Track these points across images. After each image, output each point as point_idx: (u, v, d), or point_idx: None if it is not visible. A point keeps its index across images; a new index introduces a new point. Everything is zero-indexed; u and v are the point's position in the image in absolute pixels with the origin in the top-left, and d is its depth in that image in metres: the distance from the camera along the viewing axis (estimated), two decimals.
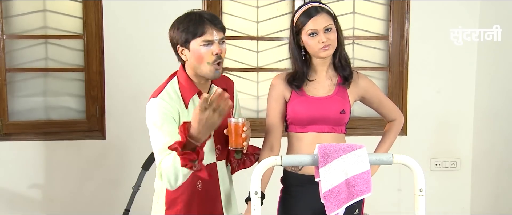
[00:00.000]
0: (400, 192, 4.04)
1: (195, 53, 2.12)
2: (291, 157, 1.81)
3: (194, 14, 2.14)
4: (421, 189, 1.74)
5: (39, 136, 3.75)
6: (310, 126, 2.34)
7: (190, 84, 2.19)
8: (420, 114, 4.04)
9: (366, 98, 2.45)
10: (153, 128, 2.11)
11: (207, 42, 2.10)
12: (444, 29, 3.98)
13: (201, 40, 2.10)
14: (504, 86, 3.76)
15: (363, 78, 2.44)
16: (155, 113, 2.10)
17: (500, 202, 3.81)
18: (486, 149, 3.97)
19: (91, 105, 3.78)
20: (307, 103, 2.34)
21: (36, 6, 3.75)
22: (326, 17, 2.31)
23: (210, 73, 2.14)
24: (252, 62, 4.00)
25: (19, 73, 3.78)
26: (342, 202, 1.77)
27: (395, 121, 2.52)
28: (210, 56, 2.11)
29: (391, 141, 2.51)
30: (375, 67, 4.07)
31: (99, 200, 3.79)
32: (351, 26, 4.02)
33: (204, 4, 3.78)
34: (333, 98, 2.34)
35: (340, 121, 2.35)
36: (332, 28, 2.32)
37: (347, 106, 2.35)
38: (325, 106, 2.33)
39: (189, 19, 2.12)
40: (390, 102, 2.54)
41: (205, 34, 2.10)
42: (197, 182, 2.21)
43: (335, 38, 2.32)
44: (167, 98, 2.14)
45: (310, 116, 2.33)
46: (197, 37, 2.10)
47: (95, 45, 3.75)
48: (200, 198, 2.23)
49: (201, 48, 2.11)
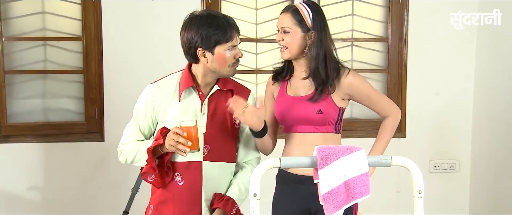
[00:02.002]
0: (399, 194, 4.04)
1: (219, 57, 2.18)
2: (290, 159, 1.81)
3: (219, 19, 2.17)
4: (420, 191, 1.74)
5: (38, 138, 3.75)
6: (294, 127, 2.33)
7: (189, 78, 2.25)
8: (419, 116, 4.04)
9: (354, 97, 2.34)
10: (135, 107, 2.33)
11: (232, 47, 2.18)
12: (443, 31, 3.98)
13: (228, 45, 2.17)
14: (502, 88, 3.76)
15: (348, 76, 2.30)
16: (141, 97, 2.32)
17: (499, 203, 3.81)
18: (485, 151, 3.97)
19: (90, 107, 3.78)
20: (284, 104, 2.33)
21: (35, 8, 3.75)
22: (288, 18, 2.26)
23: (231, 73, 2.24)
24: (251, 64, 4.00)
25: (18, 75, 3.79)
26: (340, 204, 1.77)
27: (389, 117, 2.39)
28: (232, 59, 2.20)
29: (386, 140, 2.40)
30: (374, 69, 4.07)
31: (98, 202, 3.79)
32: (350, 28, 4.03)
33: (203, 6, 3.78)
34: (309, 99, 2.29)
35: (322, 121, 2.28)
36: (291, 31, 2.25)
37: (325, 107, 2.27)
38: (301, 106, 2.29)
39: (216, 24, 2.15)
40: (382, 98, 2.41)
41: (232, 39, 2.17)
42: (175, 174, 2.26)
43: (291, 41, 2.25)
44: (160, 86, 2.29)
45: (284, 116, 2.32)
46: (224, 42, 2.16)
47: (94, 47, 3.75)
48: (179, 194, 2.26)
49: (226, 52, 2.18)
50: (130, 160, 2.29)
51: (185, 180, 2.25)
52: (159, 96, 2.27)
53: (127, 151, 2.29)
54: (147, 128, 2.31)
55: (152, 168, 2.20)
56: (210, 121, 2.26)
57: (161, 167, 2.23)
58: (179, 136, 2.10)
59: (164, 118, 2.26)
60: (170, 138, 2.12)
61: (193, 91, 2.27)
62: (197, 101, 2.26)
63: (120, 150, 2.33)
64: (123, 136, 2.34)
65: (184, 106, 2.25)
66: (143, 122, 2.30)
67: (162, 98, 2.27)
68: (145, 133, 2.32)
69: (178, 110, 2.25)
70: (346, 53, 4.03)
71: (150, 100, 2.27)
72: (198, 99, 2.26)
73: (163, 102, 2.26)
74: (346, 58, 4.03)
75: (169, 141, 2.12)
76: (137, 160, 2.27)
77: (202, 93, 2.27)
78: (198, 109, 2.26)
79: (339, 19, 4.00)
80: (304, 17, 2.25)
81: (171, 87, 2.28)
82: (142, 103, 2.30)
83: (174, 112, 2.25)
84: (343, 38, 4.01)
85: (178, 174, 2.26)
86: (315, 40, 2.25)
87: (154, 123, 2.30)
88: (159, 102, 2.27)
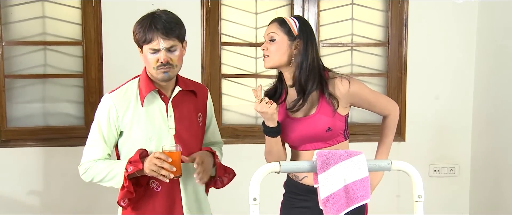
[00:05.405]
0: (399, 198, 4.04)
1: (144, 57, 2.19)
2: (290, 164, 1.82)
3: (147, 19, 2.16)
4: (420, 195, 1.74)
5: (37, 142, 3.75)
6: (302, 146, 2.31)
7: (148, 82, 2.23)
8: (419, 120, 4.04)
9: (355, 103, 2.34)
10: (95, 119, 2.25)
11: (153, 50, 2.15)
12: (442, 35, 3.99)
13: (148, 47, 2.15)
14: (502, 92, 3.76)
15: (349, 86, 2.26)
16: (102, 109, 2.24)
17: (499, 208, 3.80)
18: (485, 155, 3.97)
19: (90, 112, 3.78)
20: (289, 127, 2.29)
21: (35, 13, 3.75)
22: (275, 27, 2.27)
23: (157, 76, 2.18)
24: (250, 68, 4.00)
25: (18, 80, 3.79)
26: (340, 208, 1.77)
27: (390, 115, 2.40)
28: (155, 62, 2.16)
29: (390, 140, 2.41)
30: (373, 74, 4.07)
31: (97, 206, 3.78)
32: (350, 33, 4.03)
33: (203, 10, 3.78)
34: (315, 118, 2.26)
35: (332, 136, 2.28)
36: (276, 39, 2.25)
37: (332, 123, 2.25)
38: (308, 127, 2.26)
39: (142, 24, 2.16)
40: (381, 99, 2.42)
41: (152, 42, 2.14)
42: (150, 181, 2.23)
43: (275, 51, 2.24)
44: (120, 95, 2.24)
45: (292, 138, 2.30)
46: (145, 43, 2.15)
47: (94, 51, 3.75)
48: (157, 198, 2.24)
49: (148, 54, 2.17)
50: (99, 179, 2.22)
51: (162, 185, 2.23)
52: (121, 105, 2.22)
53: (96, 169, 2.21)
54: (113, 140, 2.24)
55: (130, 192, 2.15)
56: (177, 123, 2.25)
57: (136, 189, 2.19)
58: (163, 161, 2.07)
59: (131, 127, 2.22)
60: (152, 162, 2.08)
61: (155, 94, 2.24)
62: (161, 105, 2.24)
63: (85, 168, 2.25)
64: (86, 152, 2.25)
65: (149, 112, 2.23)
66: (108, 134, 2.22)
67: (125, 107, 2.22)
68: (111, 146, 2.25)
69: (143, 116, 2.22)
70: (345, 58, 4.03)
71: (113, 111, 2.21)
72: (162, 103, 2.25)
73: (127, 111, 2.22)
74: (345, 62, 4.03)
75: (151, 166, 2.08)
76: (106, 180, 2.21)
77: (164, 96, 2.25)
78: (164, 112, 2.24)
79: (339, 24, 4.00)
80: (291, 26, 2.27)
81: (132, 95, 2.24)
82: (104, 115, 2.22)
83: (140, 119, 2.21)
84: (343, 42, 4.01)
85: (153, 181, 2.23)
86: (300, 49, 2.26)
87: (118, 134, 2.25)
88: (123, 112, 2.22)
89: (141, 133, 2.21)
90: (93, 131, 2.24)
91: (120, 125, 2.22)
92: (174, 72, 2.19)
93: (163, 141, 2.21)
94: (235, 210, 3.57)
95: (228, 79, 3.94)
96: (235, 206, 3.45)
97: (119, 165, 2.18)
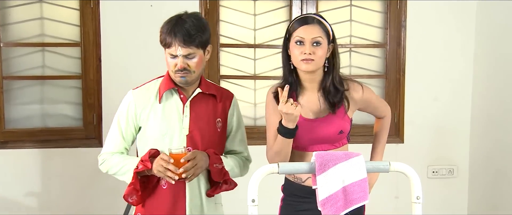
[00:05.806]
0: (397, 200, 4.04)
1: (166, 58, 2.23)
2: (289, 165, 1.82)
3: (171, 23, 2.19)
4: (418, 196, 1.74)
5: (36, 143, 3.75)
6: (310, 147, 2.28)
7: (169, 81, 2.26)
8: (417, 121, 4.04)
9: (362, 108, 2.37)
10: (117, 113, 2.32)
11: (172, 55, 2.19)
12: (441, 36, 3.99)
13: (168, 51, 2.20)
14: (501, 93, 3.77)
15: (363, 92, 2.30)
16: (123, 104, 2.31)
17: (497, 209, 3.81)
18: (483, 156, 3.97)
19: (88, 113, 3.78)
20: (304, 126, 2.23)
21: (33, 14, 3.75)
22: (317, 29, 2.19)
23: (175, 79, 2.23)
24: (249, 69, 4.01)
25: (16, 81, 3.79)
26: (339, 209, 1.77)
27: (386, 117, 2.45)
28: (173, 66, 2.20)
29: (385, 140, 2.47)
30: (372, 75, 4.08)
31: (96, 208, 3.78)
32: (348, 34, 4.03)
33: (201, 11, 3.78)
34: (328, 120, 2.25)
35: (339, 139, 2.29)
36: (322, 43, 2.19)
37: (343, 125, 2.26)
38: (321, 129, 2.25)
39: (166, 27, 2.20)
40: (381, 103, 2.47)
41: (170, 48, 2.18)
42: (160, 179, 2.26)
43: (322, 55, 2.19)
44: (142, 91, 2.29)
45: (301, 139, 2.26)
46: (166, 47, 2.20)
47: (92, 52, 3.75)
48: (163, 195, 2.27)
49: (168, 57, 2.21)
50: (113, 172, 2.31)
51: (168, 183, 2.24)
52: (141, 102, 2.27)
53: (112, 162, 2.29)
54: (130, 135, 2.31)
55: (135, 189, 2.21)
56: (192, 124, 2.25)
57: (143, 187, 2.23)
58: (168, 163, 2.10)
59: (147, 123, 2.26)
60: (158, 163, 2.13)
61: (174, 93, 2.27)
62: (179, 104, 2.26)
63: (103, 159, 2.33)
64: (106, 143, 2.33)
65: (166, 109, 2.26)
66: (126, 129, 2.29)
67: (144, 104, 2.27)
68: (128, 140, 2.32)
69: (159, 112, 2.25)
70: (344, 59, 4.03)
71: (132, 107, 2.27)
72: (180, 102, 2.26)
73: (146, 108, 2.26)
74: (344, 64, 4.02)
75: (158, 167, 2.13)
76: (120, 174, 2.29)
77: (184, 96, 2.27)
78: (181, 111, 2.26)
79: (337, 25, 4.00)
80: (328, 29, 2.24)
81: (152, 92, 2.29)
82: (124, 110, 2.29)
83: (157, 115, 2.25)
84: (341, 44, 4.01)
85: (162, 179, 2.26)
86: (335, 53, 2.26)
87: (137, 129, 2.30)
88: (141, 108, 2.27)
89: (156, 128, 2.24)
90: (114, 124, 2.32)
91: (138, 121, 2.28)
92: (191, 77, 2.21)
93: (175, 139, 2.23)
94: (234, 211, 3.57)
95: (226, 80, 3.94)
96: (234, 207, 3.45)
97: (132, 162, 2.23)
